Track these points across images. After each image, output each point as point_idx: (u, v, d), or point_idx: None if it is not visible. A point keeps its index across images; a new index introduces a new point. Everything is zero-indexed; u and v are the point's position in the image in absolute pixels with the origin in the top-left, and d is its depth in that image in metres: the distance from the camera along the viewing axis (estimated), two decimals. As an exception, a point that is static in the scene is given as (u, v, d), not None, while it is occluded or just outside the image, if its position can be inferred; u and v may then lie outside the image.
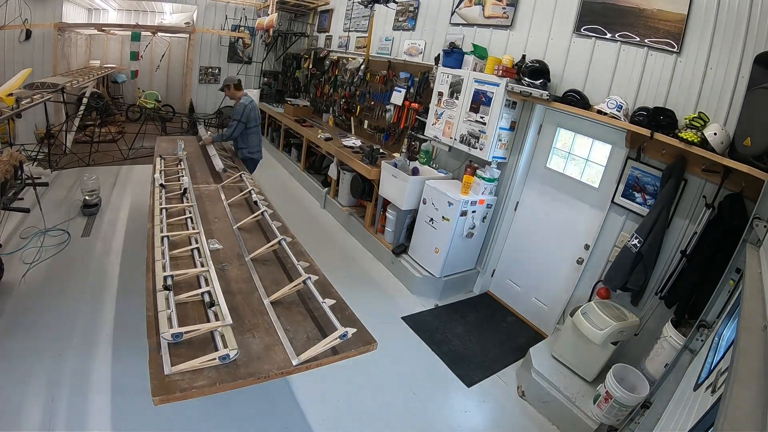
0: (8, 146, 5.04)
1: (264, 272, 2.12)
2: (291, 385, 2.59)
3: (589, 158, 3.31)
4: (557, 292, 3.50)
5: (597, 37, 3.12)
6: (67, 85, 5.08)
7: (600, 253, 3.16)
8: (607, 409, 2.39)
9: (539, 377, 2.79)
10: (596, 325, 2.59)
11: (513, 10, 3.75)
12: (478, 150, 3.63)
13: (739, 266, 1.88)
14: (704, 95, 2.58)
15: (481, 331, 3.56)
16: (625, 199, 2.96)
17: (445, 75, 3.92)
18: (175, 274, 1.83)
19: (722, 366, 1.35)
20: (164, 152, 3.81)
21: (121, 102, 8.28)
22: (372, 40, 5.78)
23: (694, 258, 2.47)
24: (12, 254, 3.39)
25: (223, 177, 3.42)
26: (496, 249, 4.02)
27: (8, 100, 3.71)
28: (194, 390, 1.35)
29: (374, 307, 3.58)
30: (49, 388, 2.27)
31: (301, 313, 1.85)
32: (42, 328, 2.68)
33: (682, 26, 2.66)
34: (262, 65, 8.87)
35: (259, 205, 2.81)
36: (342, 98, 6.33)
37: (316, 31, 7.86)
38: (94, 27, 7.40)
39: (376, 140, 5.60)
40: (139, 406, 2.21)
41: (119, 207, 4.65)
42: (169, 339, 1.46)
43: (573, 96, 3.05)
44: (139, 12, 8.38)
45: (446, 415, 2.66)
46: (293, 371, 1.55)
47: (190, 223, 2.46)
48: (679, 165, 2.57)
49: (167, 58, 8.62)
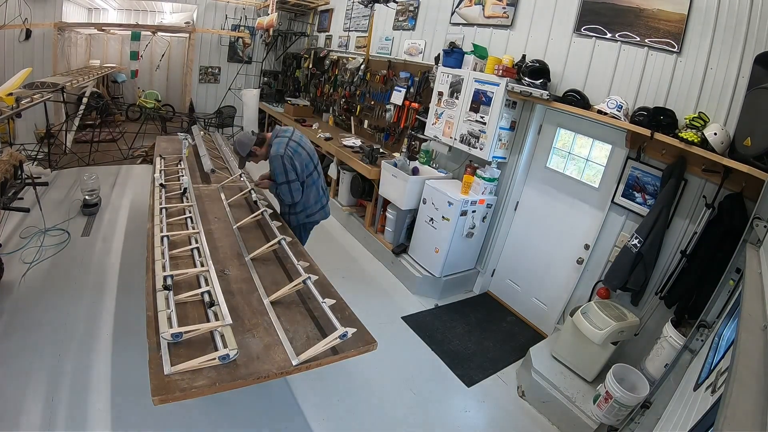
0: (8, 146, 5.04)
1: (264, 272, 2.12)
2: (291, 385, 2.58)
3: (589, 158, 3.30)
4: (557, 292, 3.50)
5: (597, 36, 3.12)
6: (67, 85, 5.08)
7: (600, 253, 3.16)
8: (607, 409, 2.39)
9: (539, 377, 2.79)
10: (596, 325, 2.59)
11: (513, 9, 3.75)
12: (478, 150, 3.63)
13: (739, 266, 1.87)
14: (704, 95, 2.58)
15: (481, 331, 3.56)
16: (625, 199, 2.96)
17: (445, 75, 3.92)
18: (175, 274, 1.83)
19: (722, 366, 1.35)
20: (163, 152, 3.81)
21: (121, 102, 8.28)
22: (372, 40, 5.78)
23: (694, 258, 2.47)
24: (12, 254, 3.39)
25: (212, 178, 3.40)
26: (496, 249, 4.02)
27: (8, 99, 3.71)
28: (194, 390, 1.35)
29: (374, 307, 3.58)
30: (49, 388, 2.26)
31: (301, 313, 1.85)
32: (42, 328, 2.68)
33: (683, 26, 2.65)
34: (262, 65, 8.87)
35: (258, 205, 2.81)
36: (342, 98, 6.33)
37: (316, 31, 7.85)
38: (94, 27, 7.40)
39: (376, 140, 5.60)
40: (139, 406, 2.21)
41: (119, 207, 4.65)
42: (169, 339, 1.46)
43: (573, 96, 3.05)
44: (139, 12, 8.38)
45: (446, 414, 2.66)
46: (293, 371, 1.55)
47: (190, 222, 2.46)
48: (679, 165, 2.57)
49: (167, 58, 8.61)
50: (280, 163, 2.62)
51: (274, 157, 2.63)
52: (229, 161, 3.93)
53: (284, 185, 2.68)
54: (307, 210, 2.88)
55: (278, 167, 2.64)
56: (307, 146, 2.83)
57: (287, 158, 2.62)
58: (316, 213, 2.95)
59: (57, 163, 5.40)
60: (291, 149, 2.67)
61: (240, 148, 2.77)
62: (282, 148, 2.64)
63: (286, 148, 2.65)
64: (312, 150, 2.87)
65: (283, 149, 2.64)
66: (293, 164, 2.65)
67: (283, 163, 2.62)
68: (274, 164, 2.65)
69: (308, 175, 2.79)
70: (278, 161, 2.62)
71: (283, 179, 2.66)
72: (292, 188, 2.69)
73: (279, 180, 2.67)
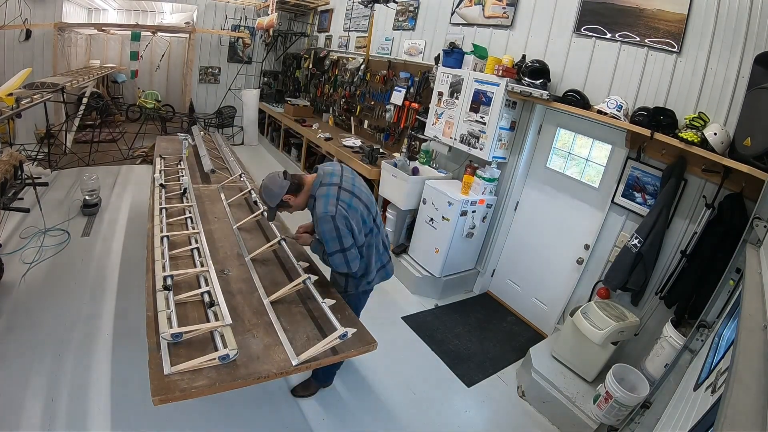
0: (8, 146, 5.04)
1: (264, 272, 2.12)
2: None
3: (589, 158, 3.31)
4: (557, 292, 3.50)
5: (597, 37, 3.12)
6: (67, 85, 5.08)
7: (600, 253, 3.16)
8: (607, 409, 2.39)
9: (539, 377, 2.79)
10: (596, 325, 2.59)
11: (513, 9, 3.75)
12: (478, 150, 3.63)
13: (739, 266, 1.87)
14: (704, 95, 2.58)
15: (481, 331, 3.56)
16: (625, 199, 2.96)
17: (445, 75, 3.92)
18: (175, 274, 1.83)
19: (722, 366, 1.35)
20: (164, 152, 3.81)
21: (121, 102, 8.28)
22: (372, 40, 5.78)
23: (694, 258, 2.47)
24: (12, 254, 3.39)
25: (212, 178, 3.40)
26: (496, 249, 4.02)
27: (8, 100, 3.71)
28: (194, 390, 1.35)
29: (374, 307, 3.56)
30: (49, 388, 2.26)
31: (301, 313, 1.85)
32: (42, 328, 2.68)
33: (682, 26, 2.65)
34: (262, 65, 8.87)
35: (258, 205, 2.81)
36: (342, 98, 6.33)
37: (316, 31, 7.86)
38: (94, 27, 7.40)
39: (376, 140, 5.60)
40: (138, 406, 2.21)
41: (119, 207, 4.65)
42: (169, 339, 1.46)
43: (573, 96, 3.05)
44: (139, 12, 8.38)
45: (446, 415, 2.66)
46: (293, 371, 1.55)
47: (190, 223, 2.47)
48: (679, 165, 2.57)
49: (167, 58, 8.61)
50: (331, 227, 1.91)
51: (323, 219, 1.91)
52: (229, 161, 3.93)
53: (338, 254, 1.98)
54: (368, 276, 2.23)
55: (328, 232, 1.92)
56: (363, 192, 2.11)
57: (341, 219, 1.91)
58: (377, 275, 2.28)
59: (57, 164, 5.40)
60: (344, 204, 1.95)
61: (267, 196, 2.07)
62: (332, 206, 1.91)
63: (337, 204, 1.92)
64: (369, 195, 2.16)
65: (333, 207, 1.91)
66: (349, 226, 1.94)
67: (336, 227, 1.91)
68: (323, 227, 1.93)
69: (367, 233, 2.10)
70: (328, 224, 1.91)
71: (336, 247, 1.96)
72: (348, 257, 2.00)
73: (331, 248, 1.97)
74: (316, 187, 2.03)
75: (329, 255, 2.01)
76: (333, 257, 2.00)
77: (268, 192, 2.06)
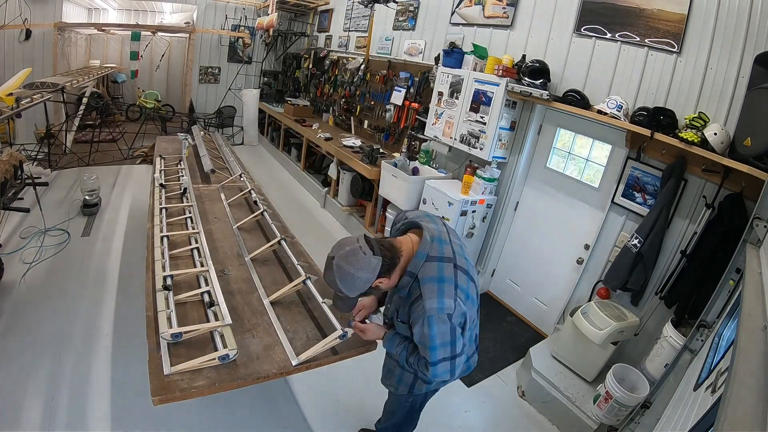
0: (8, 146, 5.04)
1: (264, 272, 2.12)
2: (291, 385, 2.58)
3: (589, 158, 3.30)
4: (557, 292, 3.50)
5: (597, 36, 3.11)
6: (67, 85, 5.08)
7: (600, 253, 3.15)
8: (607, 409, 2.39)
9: (539, 377, 2.79)
10: (596, 325, 2.59)
11: (513, 9, 3.75)
12: (478, 150, 3.63)
13: (739, 266, 1.87)
14: (704, 95, 2.57)
15: (481, 330, 3.54)
16: (625, 199, 2.96)
17: (445, 75, 3.91)
18: (175, 274, 1.83)
19: (722, 366, 1.35)
20: (163, 152, 3.81)
21: (121, 102, 8.28)
22: (372, 40, 5.78)
23: (694, 258, 2.47)
24: (12, 254, 3.39)
25: (212, 178, 3.40)
26: (496, 249, 4.02)
27: (8, 99, 3.71)
28: (194, 390, 1.35)
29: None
30: (49, 388, 2.26)
31: (301, 313, 1.85)
32: (42, 328, 2.68)
33: (682, 26, 2.65)
34: (262, 65, 8.87)
35: (258, 205, 2.81)
36: (342, 98, 6.33)
37: (316, 31, 7.86)
38: (94, 27, 7.41)
39: (376, 140, 5.60)
40: (138, 406, 2.21)
41: (119, 207, 4.65)
42: (169, 339, 1.46)
43: (573, 96, 3.05)
44: (139, 12, 8.39)
45: (446, 415, 2.65)
46: (293, 371, 1.55)
47: (190, 222, 2.47)
48: (679, 165, 2.57)
49: (167, 58, 8.61)
50: (446, 329, 1.34)
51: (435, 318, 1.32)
52: (229, 161, 3.93)
53: (444, 363, 1.40)
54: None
55: (440, 336, 1.35)
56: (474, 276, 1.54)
57: (459, 317, 1.37)
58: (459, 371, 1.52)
59: (57, 163, 5.40)
60: (462, 295, 1.39)
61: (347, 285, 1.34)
62: (449, 298, 1.35)
63: (455, 295, 1.37)
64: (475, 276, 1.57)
65: (451, 300, 1.35)
66: (463, 324, 1.40)
67: (452, 329, 1.35)
68: (432, 330, 1.33)
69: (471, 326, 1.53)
70: (443, 326, 1.34)
71: (445, 354, 1.38)
72: (455, 364, 1.42)
73: (437, 357, 1.38)
74: (420, 261, 1.39)
75: (432, 365, 1.40)
76: (436, 367, 1.40)
77: (349, 279, 1.33)
